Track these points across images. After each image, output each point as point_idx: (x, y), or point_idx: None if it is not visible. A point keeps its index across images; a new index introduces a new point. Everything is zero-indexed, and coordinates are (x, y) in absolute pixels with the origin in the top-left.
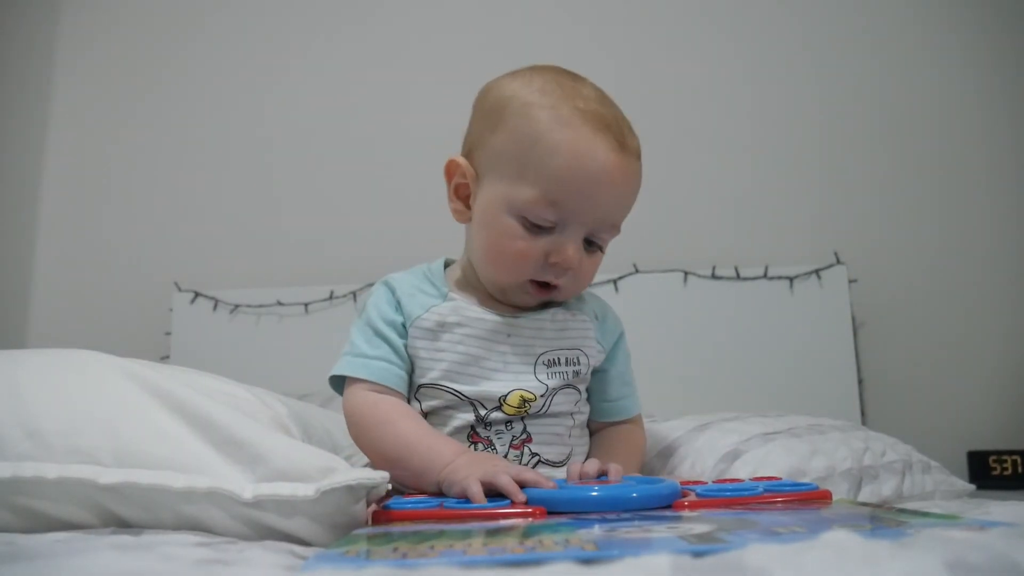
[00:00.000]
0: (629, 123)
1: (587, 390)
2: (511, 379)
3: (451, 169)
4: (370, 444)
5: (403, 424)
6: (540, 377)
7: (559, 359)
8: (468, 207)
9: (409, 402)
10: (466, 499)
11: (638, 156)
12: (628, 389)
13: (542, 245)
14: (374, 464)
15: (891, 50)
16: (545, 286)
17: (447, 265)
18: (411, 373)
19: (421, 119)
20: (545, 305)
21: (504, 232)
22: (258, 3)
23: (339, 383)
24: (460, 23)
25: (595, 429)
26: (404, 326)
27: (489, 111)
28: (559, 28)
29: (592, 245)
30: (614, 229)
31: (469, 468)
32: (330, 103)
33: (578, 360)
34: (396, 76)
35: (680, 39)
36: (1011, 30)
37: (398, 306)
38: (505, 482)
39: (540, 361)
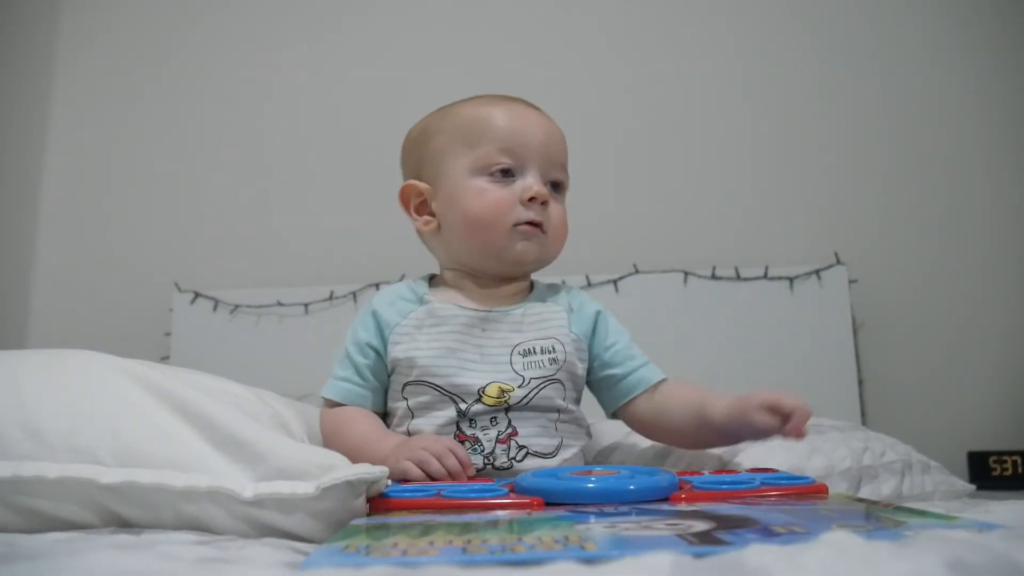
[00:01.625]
0: None
1: (591, 383)
2: (489, 370)
3: (406, 193)
4: (335, 447)
5: (356, 426)
6: (516, 368)
7: (534, 348)
8: (433, 215)
9: (396, 401)
10: (468, 483)
11: None
12: (641, 360)
13: (513, 190)
14: None
15: (891, 50)
16: (531, 226)
17: (432, 276)
18: (388, 380)
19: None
20: (520, 297)
21: (475, 192)
22: (258, 3)
23: None
24: (460, 22)
25: (633, 410)
26: (378, 344)
27: (417, 137)
28: (560, 29)
29: (554, 190)
30: (563, 170)
31: (399, 452)
32: (330, 103)
33: (553, 348)
34: (396, 76)
35: (680, 39)
36: (1013, 31)
37: (378, 325)
38: (435, 469)
39: (516, 351)
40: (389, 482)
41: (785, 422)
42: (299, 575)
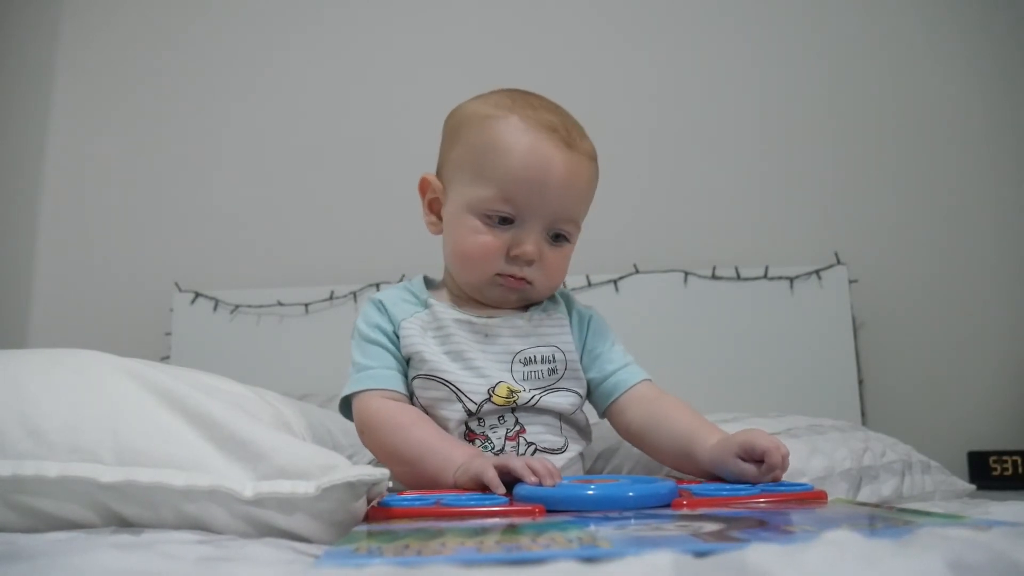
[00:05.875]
0: (581, 128)
1: (587, 388)
2: (495, 372)
3: (423, 186)
4: (391, 447)
5: (421, 428)
6: (516, 376)
7: (534, 357)
8: (441, 219)
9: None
10: (468, 492)
11: (590, 157)
12: (621, 363)
13: (504, 239)
14: (385, 465)
15: (892, 50)
16: (518, 279)
17: (428, 280)
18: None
19: (421, 119)
20: (525, 308)
21: (468, 229)
22: (258, 4)
23: (347, 407)
24: (460, 23)
25: (619, 418)
26: (396, 333)
27: (451, 130)
28: (559, 29)
29: (558, 238)
30: (572, 223)
31: (484, 459)
32: (330, 103)
33: (553, 357)
34: (396, 76)
35: (680, 40)
36: (1013, 31)
37: (387, 315)
38: (518, 465)
39: (516, 359)
40: (390, 484)
41: (762, 463)
42: (312, 573)
